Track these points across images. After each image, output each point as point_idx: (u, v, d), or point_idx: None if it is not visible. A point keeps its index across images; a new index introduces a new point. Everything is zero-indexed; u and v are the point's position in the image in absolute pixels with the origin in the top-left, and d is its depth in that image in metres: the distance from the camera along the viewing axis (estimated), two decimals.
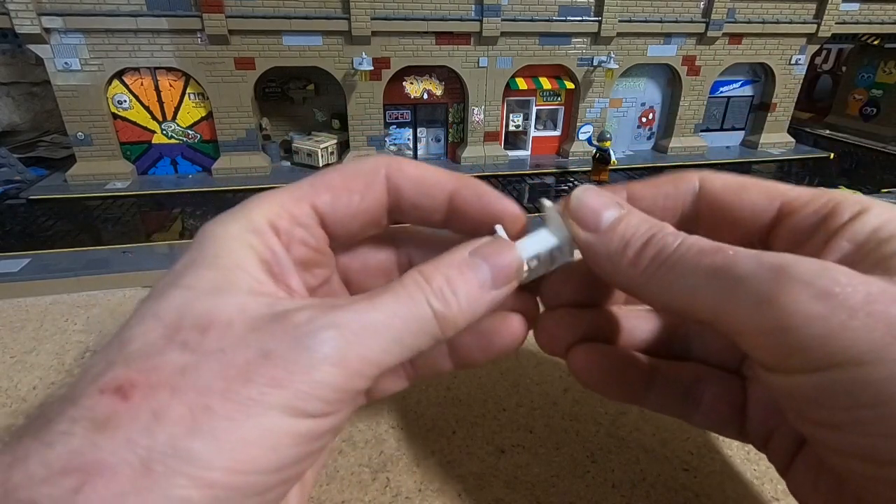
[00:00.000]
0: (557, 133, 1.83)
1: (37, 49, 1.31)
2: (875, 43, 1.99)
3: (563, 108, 1.79)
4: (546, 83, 1.70)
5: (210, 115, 1.49)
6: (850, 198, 0.19)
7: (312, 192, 0.20)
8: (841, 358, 0.14)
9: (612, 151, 1.59)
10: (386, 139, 1.69)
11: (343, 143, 1.64)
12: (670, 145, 1.84)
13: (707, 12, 1.68)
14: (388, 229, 0.23)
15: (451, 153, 1.76)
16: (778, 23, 1.75)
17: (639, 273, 0.18)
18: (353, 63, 1.47)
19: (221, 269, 0.17)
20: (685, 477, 0.27)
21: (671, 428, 0.30)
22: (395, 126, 1.71)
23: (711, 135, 1.94)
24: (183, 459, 0.13)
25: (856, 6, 1.81)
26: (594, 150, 1.63)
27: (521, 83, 1.67)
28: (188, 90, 1.46)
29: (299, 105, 1.66)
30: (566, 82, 1.71)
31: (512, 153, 1.77)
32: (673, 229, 0.19)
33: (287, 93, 1.62)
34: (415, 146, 1.75)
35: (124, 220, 1.20)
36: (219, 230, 0.18)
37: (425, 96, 1.66)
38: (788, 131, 1.97)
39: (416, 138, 1.74)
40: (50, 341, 0.40)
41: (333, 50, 1.48)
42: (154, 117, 1.47)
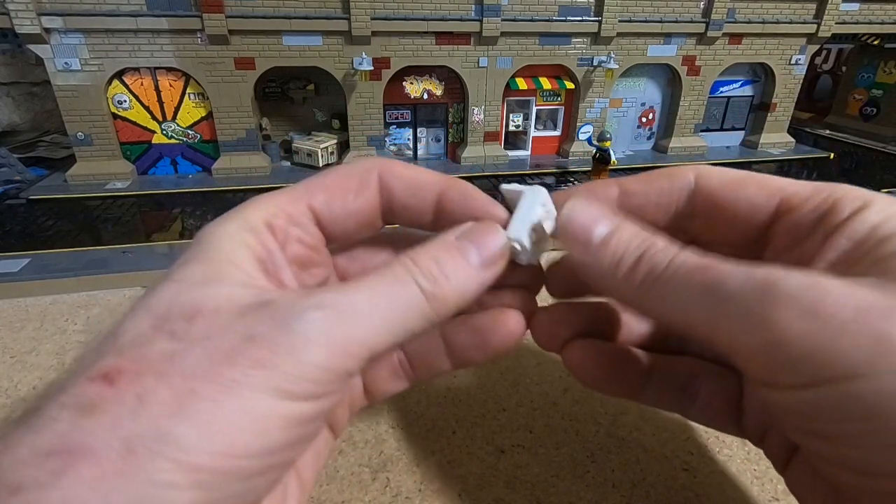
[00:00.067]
0: (557, 133, 1.83)
1: (37, 49, 1.31)
2: (875, 43, 1.99)
3: (563, 108, 1.79)
4: (546, 83, 1.69)
5: (210, 115, 1.49)
6: (851, 193, 0.18)
7: (308, 193, 0.21)
8: (830, 374, 0.14)
9: (612, 151, 1.59)
10: (386, 139, 1.69)
11: (343, 143, 1.64)
12: (670, 145, 1.84)
13: (707, 12, 1.68)
14: (387, 233, 0.24)
15: (451, 153, 1.76)
16: (778, 23, 1.75)
17: (633, 289, 0.18)
18: (353, 63, 1.47)
19: (213, 263, 0.17)
20: (685, 477, 0.27)
21: (671, 428, 0.30)
22: (395, 126, 1.71)
23: (711, 135, 1.94)
24: (167, 443, 0.13)
25: (856, 6, 1.81)
26: (594, 150, 1.63)
27: (521, 83, 1.67)
28: (188, 90, 1.46)
29: (299, 105, 1.66)
30: (566, 82, 1.71)
31: (512, 153, 1.77)
32: (665, 242, 0.19)
33: (287, 93, 1.62)
34: (415, 146, 1.75)
35: (124, 220, 1.20)
36: (215, 229, 0.19)
37: (425, 96, 1.66)
38: (788, 131, 1.97)
39: (416, 138, 1.74)
40: (50, 341, 0.40)
41: (333, 50, 1.48)
42: (154, 117, 1.47)
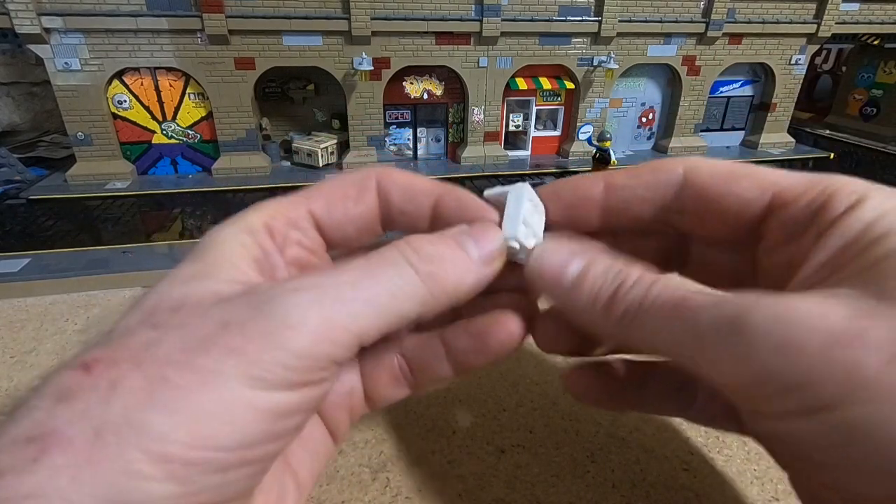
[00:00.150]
0: (557, 133, 1.83)
1: (37, 49, 1.31)
2: (875, 43, 1.99)
3: (563, 108, 1.79)
4: (546, 83, 1.70)
5: (210, 115, 1.49)
6: (848, 186, 0.17)
7: (308, 199, 0.21)
8: (807, 406, 0.14)
9: (612, 151, 1.59)
10: (386, 139, 1.69)
11: (343, 143, 1.64)
12: (670, 145, 1.84)
13: (707, 12, 1.68)
14: (389, 241, 0.24)
15: (451, 153, 1.76)
16: (778, 23, 1.75)
17: (613, 326, 0.18)
18: (353, 63, 1.47)
19: (207, 261, 0.17)
20: (685, 477, 0.27)
21: (671, 428, 0.30)
22: (395, 126, 1.71)
23: (711, 135, 1.94)
24: (137, 431, 0.13)
25: (856, 6, 1.81)
26: (594, 150, 1.63)
27: (521, 83, 1.67)
28: (188, 90, 1.46)
29: (299, 105, 1.66)
30: (566, 82, 1.71)
31: (512, 153, 1.77)
32: (638, 272, 0.18)
33: (287, 93, 1.62)
34: (415, 146, 1.75)
35: (124, 220, 1.20)
36: (216, 232, 0.19)
37: (425, 96, 1.66)
38: (788, 131, 1.97)
39: (416, 138, 1.74)
40: (50, 341, 0.40)
41: (333, 50, 1.48)
42: (154, 117, 1.47)
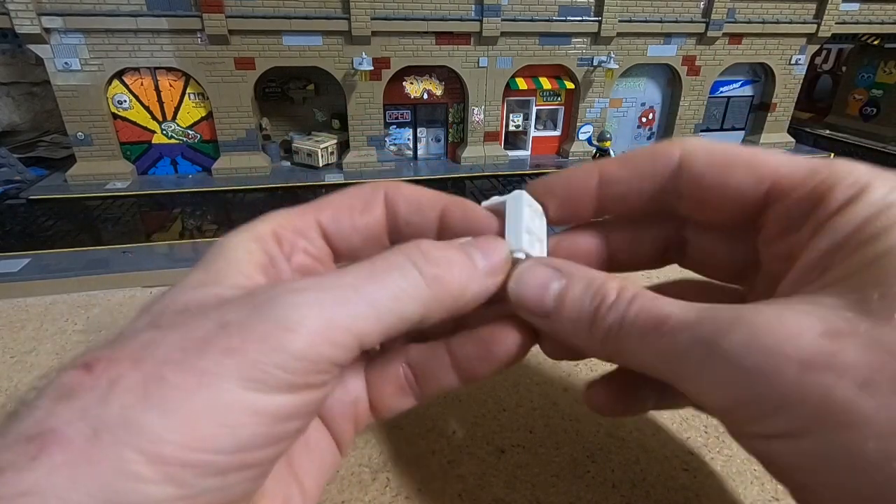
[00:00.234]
0: (557, 133, 1.83)
1: (37, 49, 1.31)
2: (875, 43, 1.99)
3: (563, 108, 1.79)
4: (546, 83, 1.70)
5: (210, 115, 1.49)
6: (849, 177, 0.16)
7: (316, 209, 0.21)
8: (780, 431, 0.14)
9: (612, 151, 1.59)
10: (386, 139, 1.69)
11: (343, 143, 1.64)
12: None
13: (707, 12, 1.68)
14: None
15: (451, 153, 1.76)
16: (778, 23, 1.75)
17: (597, 346, 0.18)
18: (353, 63, 1.47)
19: (213, 268, 0.18)
20: (685, 477, 0.27)
21: (671, 428, 0.30)
22: (395, 126, 1.71)
23: (711, 135, 1.94)
24: (133, 431, 0.13)
25: (856, 6, 1.81)
26: (594, 150, 1.63)
27: (521, 83, 1.67)
28: (188, 90, 1.46)
29: (299, 105, 1.66)
30: (566, 82, 1.71)
31: (512, 153, 1.77)
32: (616, 291, 0.18)
33: (287, 93, 1.62)
34: (415, 146, 1.75)
35: (124, 220, 1.20)
36: (225, 241, 0.19)
37: (425, 96, 1.66)
38: (788, 131, 1.97)
39: (416, 138, 1.74)
40: (50, 341, 0.40)
41: (333, 50, 1.48)
42: (154, 117, 1.47)
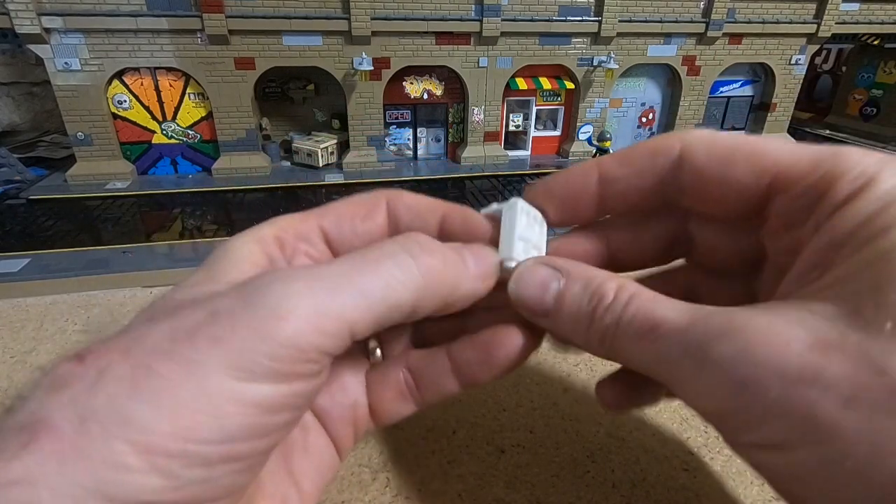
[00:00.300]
0: (557, 133, 1.83)
1: (37, 49, 1.31)
2: (875, 43, 1.99)
3: (563, 108, 1.79)
4: (546, 83, 1.70)
5: (210, 115, 1.49)
6: (854, 168, 0.15)
7: (319, 214, 0.21)
8: (767, 442, 0.14)
9: (612, 151, 1.59)
10: (386, 139, 1.69)
11: (343, 143, 1.64)
12: None
13: (707, 12, 1.68)
14: None
15: (451, 153, 1.76)
16: (778, 23, 1.75)
17: (596, 346, 0.18)
18: (353, 63, 1.47)
19: (213, 269, 0.18)
20: (685, 477, 0.27)
21: (671, 428, 0.30)
22: (395, 126, 1.71)
23: None
24: (120, 421, 0.13)
25: (856, 6, 1.81)
26: (594, 150, 1.64)
27: (521, 83, 1.67)
28: (188, 90, 1.46)
29: (299, 105, 1.66)
30: (566, 82, 1.71)
31: (512, 153, 1.77)
32: (614, 290, 0.18)
33: (287, 93, 1.62)
34: (415, 146, 1.75)
35: (124, 220, 1.20)
36: (227, 243, 0.19)
37: (425, 96, 1.66)
38: (788, 131, 1.97)
39: (416, 138, 1.74)
40: (50, 341, 0.40)
41: (333, 50, 1.48)
42: (154, 117, 1.47)
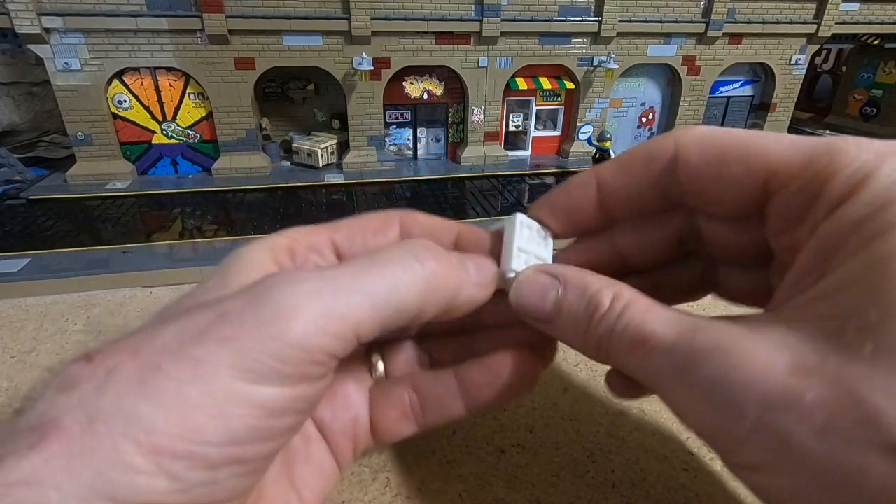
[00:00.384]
0: (557, 133, 1.83)
1: (37, 49, 1.31)
2: (875, 43, 1.99)
3: (563, 108, 1.79)
4: (546, 83, 1.69)
5: (210, 115, 1.49)
6: (851, 164, 0.14)
7: (332, 228, 0.21)
8: (746, 464, 0.14)
9: (612, 151, 1.59)
10: (386, 139, 1.69)
11: (343, 143, 1.64)
12: None
13: (707, 12, 1.68)
14: None
15: (451, 153, 1.76)
16: (778, 23, 1.75)
17: (594, 353, 0.18)
18: (353, 63, 1.47)
19: (223, 275, 0.18)
20: (685, 477, 0.27)
21: (671, 428, 0.30)
22: (395, 126, 1.71)
23: None
24: (127, 421, 0.13)
25: (856, 6, 1.81)
26: (594, 150, 1.63)
27: (521, 83, 1.67)
28: (188, 90, 1.46)
29: (299, 105, 1.66)
30: (566, 82, 1.71)
31: (512, 153, 1.77)
32: (610, 299, 0.18)
33: (287, 93, 1.62)
34: (415, 146, 1.75)
35: (124, 220, 1.20)
36: (240, 250, 0.19)
37: (425, 96, 1.66)
38: (789, 131, 1.96)
39: (416, 138, 1.74)
40: (50, 341, 0.40)
41: (333, 50, 1.48)
42: (154, 117, 1.47)
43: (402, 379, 0.22)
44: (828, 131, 2.20)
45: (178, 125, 1.49)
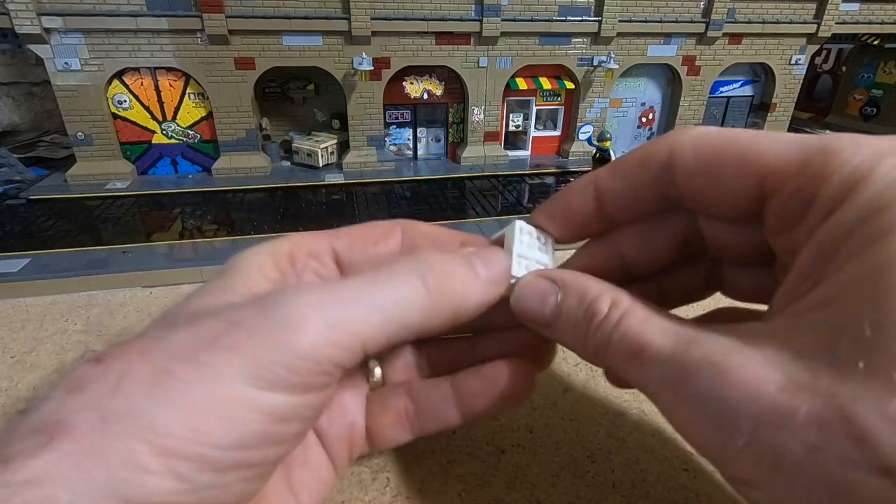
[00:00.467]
0: (557, 133, 1.83)
1: (37, 49, 1.31)
2: (875, 43, 1.99)
3: (563, 108, 1.79)
4: (546, 83, 1.70)
5: (210, 115, 1.49)
6: (844, 166, 0.14)
7: (333, 235, 0.22)
8: (737, 478, 0.14)
9: (612, 151, 1.59)
10: (386, 139, 1.69)
11: (343, 143, 1.64)
12: None
13: (707, 12, 1.68)
14: None
15: (451, 153, 1.76)
16: (778, 23, 1.75)
17: (591, 358, 0.18)
18: (353, 63, 1.47)
19: (227, 279, 0.18)
20: (685, 477, 0.27)
21: (671, 428, 0.30)
22: (395, 126, 1.71)
23: None
24: (139, 422, 0.13)
25: (856, 6, 1.81)
26: (594, 150, 1.64)
27: (521, 83, 1.67)
28: (188, 90, 1.46)
29: (299, 105, 1.66)
30: (566, 82, 1.71)
31: (512, 153, 1.77)
32: (608, 306, 0.18)
33: (287, 93, 1.62)
34: (415, 146, 1.75)
35: (124, 220, 1.20)
36: (243, 254, 0.20)
37: (425, 96, 1.66)
38: (789, 131, 1.97)
39: (416, 138, 1.74)
40: (50, 341, 0.40)
41: (333, 50, 1.48)
42: (154, 117, 1.47)
43: (398, 386, 0.22)
44: (828, 131, 2.20)
45: (178, 125, 1.49)
